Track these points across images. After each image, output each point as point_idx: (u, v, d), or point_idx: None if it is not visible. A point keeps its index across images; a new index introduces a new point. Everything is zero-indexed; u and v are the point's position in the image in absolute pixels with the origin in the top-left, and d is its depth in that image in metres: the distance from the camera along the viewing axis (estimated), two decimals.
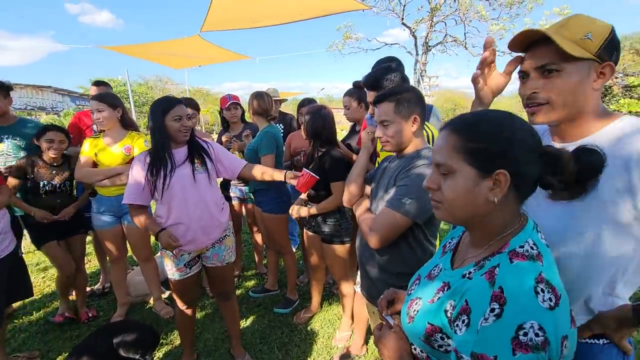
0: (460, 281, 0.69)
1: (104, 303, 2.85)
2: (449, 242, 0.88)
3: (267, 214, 2.54)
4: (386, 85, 1.60)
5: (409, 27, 14.30)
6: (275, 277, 2.95)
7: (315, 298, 2.59)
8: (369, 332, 2.23)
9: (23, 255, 2.17)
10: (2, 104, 2.39)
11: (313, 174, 1.81)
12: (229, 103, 2.91)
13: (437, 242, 1.38)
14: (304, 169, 1.84)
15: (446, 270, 0.77)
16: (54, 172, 2.37)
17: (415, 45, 14.75)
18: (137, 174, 1.73)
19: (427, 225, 1.26)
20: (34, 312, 2.69)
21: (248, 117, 3.05)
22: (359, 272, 2.03)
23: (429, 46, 14.83)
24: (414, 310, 0.76)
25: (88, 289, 2.99)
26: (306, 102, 2.92)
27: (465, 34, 13.42)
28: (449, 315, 0.67)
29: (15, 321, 2.62)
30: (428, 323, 0.71)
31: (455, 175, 0.67)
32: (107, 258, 2.69)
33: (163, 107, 1.71)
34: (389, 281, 1.31)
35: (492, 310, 0.58)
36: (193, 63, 9.92)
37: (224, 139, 2.93)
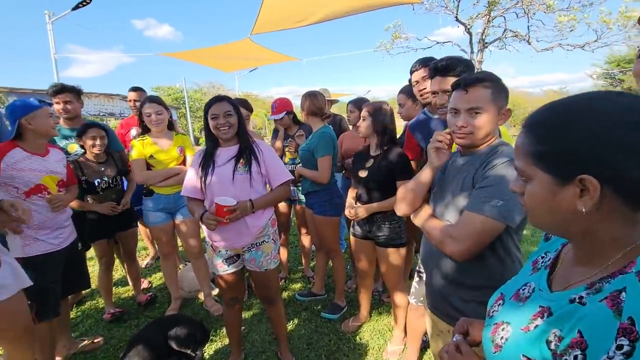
0: (568, 307, 0.55)
1: (160, 296, 2.98)
2: (542, 257, 0.73)
3: (320, 216, 2.47)
4: (462, 71, 1.44)
5: (463, 24, 13.49)
6: (323, 281, 2.87)
7: (364, 306, 2.46)
8: (423, 348, 2.05)
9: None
10: (77, 106, 2.59)
11: (221, 203, 1.65)
12: (269, 118, 2.92)
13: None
14: (215, 200, 1.67)
15: (542, 291, 0.63)
16: (102, 169, 2.47)
17: (471, 42, 13.88)
18: (193, 169, 1.84)
19: (517, 229, 1.08)
20: (98, 299, 2.88)
21: (300, 117, 3.02)
22: (413, 283, 1.88)
23: (486, 43, 13.88)
24: (501, 337, 0.64)
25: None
26: (358, 101, 2.81)
27: (528, 27, 12.31)
28: (552, 347, 0.53)
29: (83, 308, 2.83)
30: (523, 356, 0.58)
31: (533, 182, 0.58)
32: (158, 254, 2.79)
33: (206, 107, 1.78)
34: (468, 297, 1.14)
35: (619, 347, 0.44)
36: (243, 66, 10.33)
37: (277, 144, 2.91)
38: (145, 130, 2.52)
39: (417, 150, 2.07)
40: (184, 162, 2.57)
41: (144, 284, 3.13)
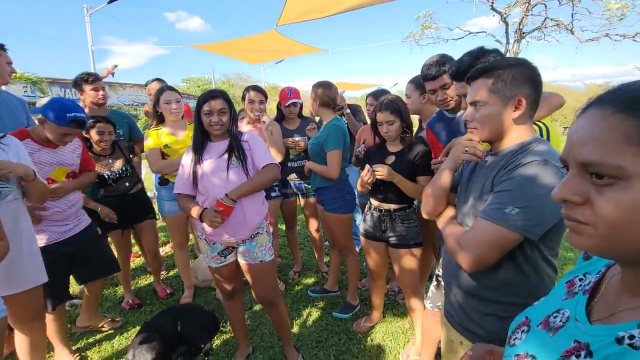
0: (613, 348, 0.43)
1: (175, 284, 3.03)
2: (580, 280, 0.60)
3: (330, 213, 2.38)
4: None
5: (499, 12, 12.78)
6: (337, 278, 2.80)
7: (377, 307, 2.36)
8: (439, 355, 1.94)
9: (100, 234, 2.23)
10: (104, 94, 2.66)
11: (223, 202, 1.63)
12: (289, 102, 2.71)
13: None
14: (217, 198, 1.65)
15: (579, 322, 0.51)
16: (110, 161, 2.44)
17: (507, 32, 13.15)
18: (185, 164, 1.78)
19: (545, 241, 0.95)
20: (118, 285, 2.96)
21: (306, 111, 2.89)
22: (431, 287, 1.77)
23: (523, 33, 13.08)
24: None
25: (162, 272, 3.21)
26: (378, 93, 2.66)
27: (572, 15, 11.43)
28: None
29: (104, 291, 2.91)
30: None
31: (631, 182, 0.41)
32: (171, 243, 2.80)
33: (200, 99, 1.71)
34: (487, 310, 1.03)
35: None
36: (269, 58, 10.33)
37: (289, 141, 2.71)
38: (159, 120, 2.49)
39: (438, 147, 1.95)
40: None
41: (162, 272, 3.19)
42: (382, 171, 1.81)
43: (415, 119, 2.16)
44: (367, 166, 1.86)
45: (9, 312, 1.39)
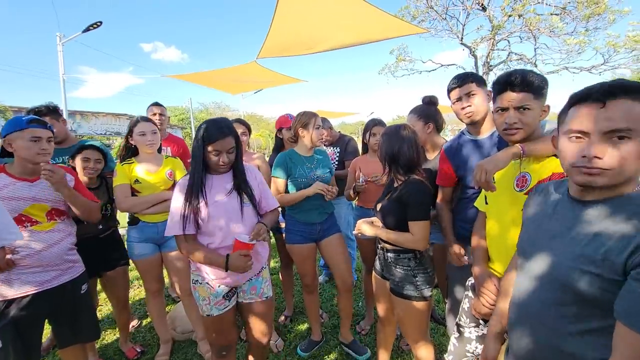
0: None
1: (148, 337, 2.63)
2: None
3: (339, 234, 2.34)
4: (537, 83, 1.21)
5: (468, 47, 13.60)
6: (319, 324, 2.49)
7: (383, 356, 2.10)
8: None
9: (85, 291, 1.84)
10: (60, 127, 2.32)
11: (243, 241, 1.52)
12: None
13: None
14: (238, 239, 1.53)
15: None
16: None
17: (475, 65, 13.94)
18: (181, 202, 1.56)
19: None
20: None
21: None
22: (452, 339, 1.57)
23: (490, 66, 13.92)
24: None
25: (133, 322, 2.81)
26: (372, 124, 2.52)
27: (535, 49, 12.32)
28: None
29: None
30: None
31: None
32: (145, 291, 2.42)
33: (206, 135, 1.53)
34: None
35: None
36: (249, 88, 10.34)
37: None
38: (129, 152, 2.22)
39: (448, 176, 1.81)
40: (173, 188, 2.21)
41: (133, 322, 2.79)
42: (364, 230, 1.74)
43: None
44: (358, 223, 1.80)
45: None
